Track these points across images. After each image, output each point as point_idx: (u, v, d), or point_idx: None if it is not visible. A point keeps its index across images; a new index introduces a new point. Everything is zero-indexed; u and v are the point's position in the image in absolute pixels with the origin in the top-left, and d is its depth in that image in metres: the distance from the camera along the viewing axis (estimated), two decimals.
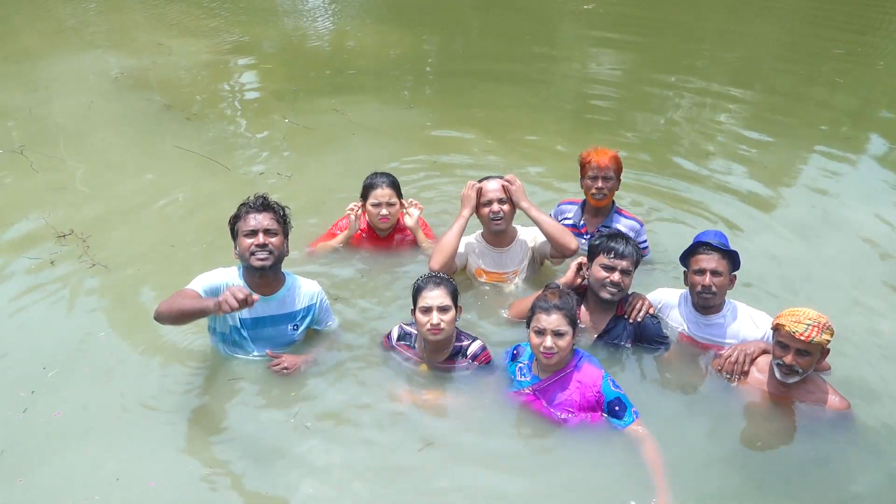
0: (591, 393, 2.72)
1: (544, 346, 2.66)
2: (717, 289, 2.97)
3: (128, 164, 5.12)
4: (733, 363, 2.90)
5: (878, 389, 3.03)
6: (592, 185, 3.65)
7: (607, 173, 3.61)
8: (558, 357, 2.69)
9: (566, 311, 2.68)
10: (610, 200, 3.73)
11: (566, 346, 2.68)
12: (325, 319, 3.20)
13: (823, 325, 2.60)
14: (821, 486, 2.59)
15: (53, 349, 3.10)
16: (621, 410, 2.69)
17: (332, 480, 2.55)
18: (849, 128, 6.38)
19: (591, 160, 3.64)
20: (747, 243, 4.10)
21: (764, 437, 2.80)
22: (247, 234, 2.86)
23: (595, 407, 2.73)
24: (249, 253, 2.85)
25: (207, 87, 6.79)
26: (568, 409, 2.73)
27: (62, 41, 8.07)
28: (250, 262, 2.85)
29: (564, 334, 2.66)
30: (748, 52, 8.24)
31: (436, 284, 2.85)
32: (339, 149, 5.47)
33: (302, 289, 3.08)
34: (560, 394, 2.74)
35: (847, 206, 4.76)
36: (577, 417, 2.72)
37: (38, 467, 2.54)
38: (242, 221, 2.89)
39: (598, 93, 7.01)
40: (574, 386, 2.73)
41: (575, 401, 2.73)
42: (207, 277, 2.88)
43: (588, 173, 3.65)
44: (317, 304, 3.12)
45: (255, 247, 2.84)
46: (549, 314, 2.67)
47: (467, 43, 8.63)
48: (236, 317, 2.95)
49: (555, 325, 2.65)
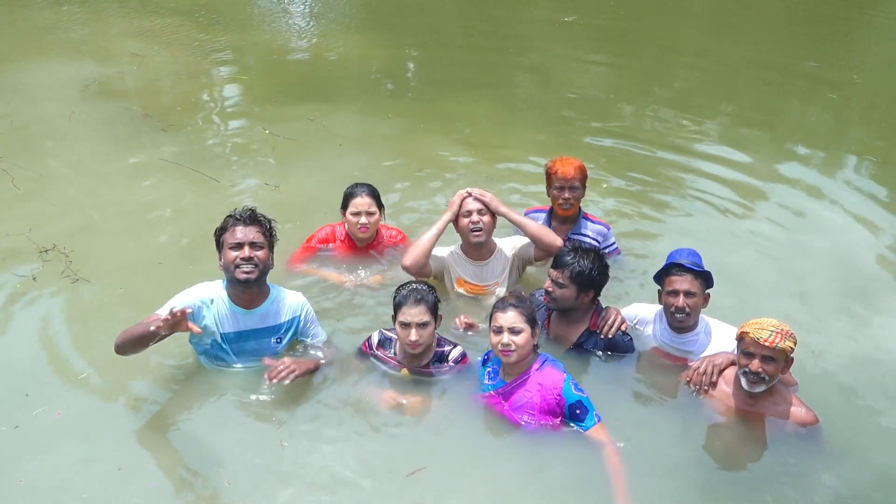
0: (551, 395, 2.77)
1: (501, 342, 2.73)
2: (691, 309, 3.01)
3: (109, 175, 5.09)
4: (701, 374, 2.94)
5: (844, 402, 3.11)
6: (559, 196, 3.71)
7: (573, 183, 3.68)
8: (517, 355, 2.75)
9: (522, 308, 2.76)
10: (577, 209, 3.81)
11: (524, 344, 2.74)
12: (311, 332, 3.17)
13: (786, 332, 2.67)
14: (783, 497, 2.63)
15: (36, 368, 3.11)
16: (582, 413, 2.74)
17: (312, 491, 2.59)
18: (824, 140, 6.50)
19: (556, 171, 3.69)
20: (718, 255, 4.15)
21: (728, 448, 2.85)
22: (232, 246, 2.85)
23: (556, 411, 2.77)
24: (234, 266, 2.85)
25: (186, 96, 6.77)
26: (528, 412, 2.79)
27: (38, 49, 7.98)
28: (235, 274, 2.86)
29: (521, 331, 2.73)
30: (725, 65, 8.43)
31: (416, 302, 2.88)
32: (320, 159, 5.50)
33: (286, 301, 3.07)
34: (521, 395, 2.80)
35: (820, 219, 4.85)
36: (538, 421, 2.78)
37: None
38: (229, 233, 2.88)
39: (578, 103, 7.09)
40: (535, 388, 2.79)
41: (535, 403, 2.78)
42: (184, 296, 2.89)
43: (554, 183, 3.71)
44: (301, 315, 3.11)
45: (240, 259, 2.84)
46: (506, 312, 2.75)
47: (446, 52, 8.71)
48: (217, 332, 2.96)
49: (510, 322, 2.73)
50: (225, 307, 2.96)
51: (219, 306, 2.96)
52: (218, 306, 2.96)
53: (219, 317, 2.96)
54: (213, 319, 2.95)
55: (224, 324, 2.97)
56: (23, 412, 2.85)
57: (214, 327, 2.95)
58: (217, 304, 2.96)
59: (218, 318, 2.95)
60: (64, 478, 2.58)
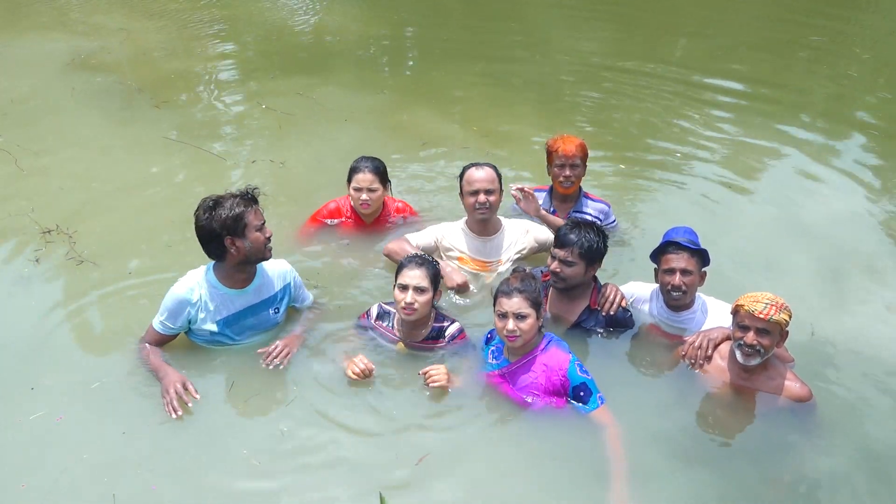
0: (556, 377, 2.78)
1: (507, 329, 2.73)
2: (687, 287, 3.03)
3: (108, 151, 5.07)
4: (696, 348, 2.95)
5: (838, 377, 3.14)
6: (560, 174, 3.73)
7: (574, 161, 3.69)
8: (522, 340, 2.76)
9: (528, 293, 2.72)
10: (577, 187, 3.83)
11: (529, 329, 2.74)
12: (302, 296, 3.25)
13: (781, 305, 2.69)
14: (776, 471, 2.68)
15: (42, 353, 3.10)
16: (586, 395, 2.76)
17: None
18: (826, 118, 6.40)
19: (557, 149, 3.71)
20: (713, 232, 4.15)
21: (722, 422, 2.89)
22: (259, 228, 2.90)
23: (560, 391, 2.79)
24: (265, 247, 2.93)
25: (180, 72, 6.70)
26: (533, 392, 2.81)
27: (24, 24, 7.87)
28: (265, 255, 2.96)
29: (526, 317, 2.71)
30: (724, 40, 8.35)
31: (418, 265, 2.93)
32: (321, 134, 5.48)
33: (274, 271, 3.12)
34: (525, 376, 2.83)
35: (819, 195, 4.83)
36: (542, 401, 2.81)
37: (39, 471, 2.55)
38: (253, 215, 2.88)
39: (579, 80, 7.02)
40: (540, 369, 2.81)
41: (540, 384, 2.80)
42: (172, 297, 2.93)
43: (555, 161, 3.73)
44: (291, 281, 3.18)
45: (266, 239, 2.93)
46: (511, 297, 2.72)
47: (448, 29, 8.61)
48: (217, 322, 2.99)
49: (516, 308, 2.71)
50: (217, 295, 2.98)
51: (207, 298, 2.97)
52: (206, 300, 2.96)
53: (210, 309, 2.98)
54: (206, 313, 2.97)
55: (220, 311, 2.99)
56: (25, 412, 2.78)
57: (210, 321, 2.98)
58: (204, 298, 2.96)
59: (210, 311, 2.98)
60: (68, 474, 2.55)
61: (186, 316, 2.96)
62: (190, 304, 2.95)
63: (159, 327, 2.99)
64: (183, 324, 2.99)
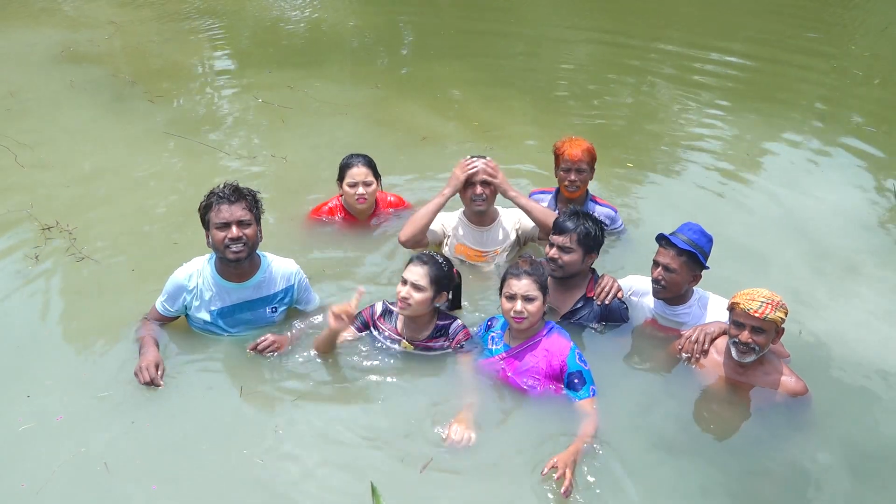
0: (556, 362, 2.85)
1: (514, 310, 2.79)
2: (667, 283, 3.01)
3: (106, 146, 5.04)
4: (693, 343, 2.96)
5: (834, 372, 3.17)
6: (566, 178, 3.66)
7: (580, 166, 3.62)
8: (528, 322, 2.83)
9: (536, 276, 2.81)
10: (583, 191, 3.76)
11: (536, 312, 2.81)
12: (306, 299, 3.20)
13: (777, 302, 2.69)
14: (771, 466, 2.70)
15: (42, 352, 3.08)
16: (580, 384, 2.81)
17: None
18: (821, 111, 6.47)
19: (563, 152, 3.63)
20: (712, 226, 4.19)
21: (718, 417, 2.90)
22: (219, 226, 2.79)
23: (559, 377, 2.86)
24: (224, 246, 2.80)
25: (174, 64, 6.66)
26: (534, 377, 2.88)
27: (12, 14, 7.79)
28: (225, 255, 2.82)
29: (534, 299, 2.80)
30: (721, 36, 8.36)
31: (422, 263, 2.94)
32: (317, 127, 5.47)
33: (279, 269, 3.06)
34: (528, 360, 2.88)
35: (816, 190, 4.83)
36: (542, 386, 2.87)
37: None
38: (214, 212, 2.80)
39: (576, 75, 7.03)
40: (542, 353, 2.87)
41: (541, 368, 2.87)
42: (172, 280, 2.93)
43: (561, 165, 3.66)
44: (295, 284, 3.11)
45: (228, 240, 2.78)
46: (520, 279, 2.80)
47: (443, 24, 8.58)
48: (210, 312, 2.97)
49: (524, 290, 2.79)
50: (214, 284, 2.96)
51: (204, 287, 2.95)
52: (203, 288, 2.95)
53: (205, 298, 2.96)
54: (201, 302, 2.97)
55: (215, 301, 2.98)
56: (25, 411, 2.75)
57: (203, 310, 2.97)
58: (201, 286, 2.95)
59: (204, 300, 2.97)
60: (66, 474, 2.52)
61: (182, 301, 2.96)
62: (186, 291, 2.94)
63: (160, 307, 3.01)
64: (180, 308, 2.99)
